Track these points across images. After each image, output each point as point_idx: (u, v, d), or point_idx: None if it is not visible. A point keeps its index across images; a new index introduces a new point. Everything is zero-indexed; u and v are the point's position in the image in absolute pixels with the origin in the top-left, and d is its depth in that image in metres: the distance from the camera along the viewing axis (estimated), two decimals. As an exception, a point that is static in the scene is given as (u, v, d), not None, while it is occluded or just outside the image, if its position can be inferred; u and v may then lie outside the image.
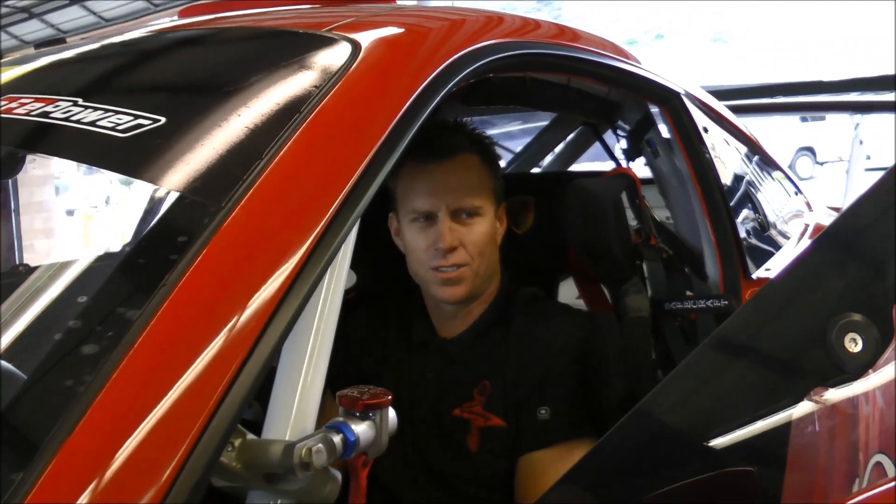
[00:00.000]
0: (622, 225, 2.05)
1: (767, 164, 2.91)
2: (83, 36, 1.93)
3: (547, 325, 1.85)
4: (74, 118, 1.26)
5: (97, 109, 1.27)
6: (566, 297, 2.43)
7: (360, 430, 1.11)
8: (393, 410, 1.17)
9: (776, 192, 2.84)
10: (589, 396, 1.80)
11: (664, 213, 2.41)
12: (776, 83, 7.02)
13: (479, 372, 1.83)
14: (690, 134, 2.13)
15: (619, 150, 2.53)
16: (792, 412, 1.12)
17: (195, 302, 0.97)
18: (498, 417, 1.79)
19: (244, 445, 1.04)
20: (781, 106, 6.40)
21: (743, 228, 2.20)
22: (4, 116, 1.35)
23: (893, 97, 6.42)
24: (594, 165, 3.81)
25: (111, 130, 1.20)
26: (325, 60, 1.33)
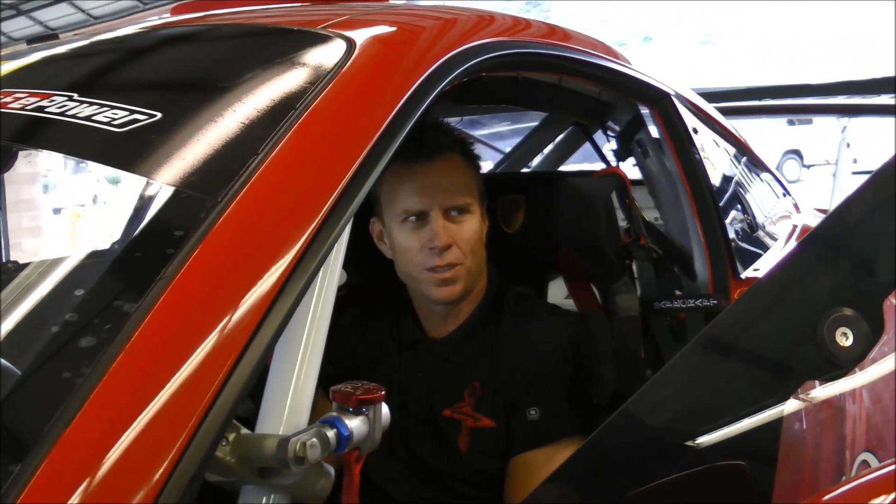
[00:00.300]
0: (612, 224, 2.06)
1: (756, 165, 2.93)
2: (76, 32, 1.93)
3: (536, 324, 1.86)
4: (70, 113, 1.26)
5: (93, 104, 1.27)
6: (556, 296, 2.44)
7: (353, 425, 1.12)
8: (386, 406, 1.18)
9: (764, 193, 2.86)
10: (579, 396, 1.80)
11: (654, 213, 2.42)
12: (763, 86, 7.04)
13: (468, 372, 1.84)
14: (680, 134, 2.14)
15: (609, 150, 2.54)
16: (783, 408, 1.13)
17: (192, 296, 0.97)
18: (487, 418, 1.80)
19: (238, 440, 1.04)
20: (769, 108, 6.42)
21: (732, 229, 2.22)
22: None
23: (881, 100, 6.45)
24: (584, 167, 3.82)
25: (107, 125, 1.20)
26: (320, 58, 1.33)
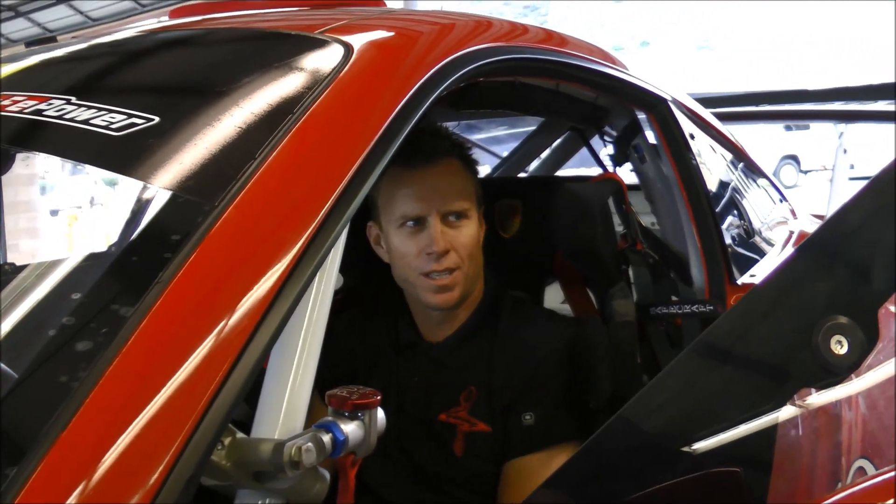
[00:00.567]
0: (609, 229, 2.06)
1: (753, 171, 2.93)
2: (74, 35, 1.93)
3: (532, 329, 1.86)
4: (68, 116, 1.26)
5: (91, 108, 1.27)
6: (552, 301, 2.44)
7: (349, 429, 1.12)
8: (382, 411, 1.18)
9: (761, 199, 2.86)
10: (575, 401, 1.80)
11: (651, 218, 2.42)
12: (761, 91, 7.05)
13: (464, 377, 1.83)
14: (677, 140, 2.14)
15: (605, 155, 2.54)
16: (778, 415, 1.13)
17: (189, 300, 0.97)
18: (483, 423, 1.79)
19: (234, 444, 1.04)
20: (766, 114, 6.43)
21: (728, 234, 2.22)
22: None
23: (878, 106, 6.46)
24: (582, 171, 3.82)
25: (104, 129, 1.20)
26: (317, 62, 1.33)
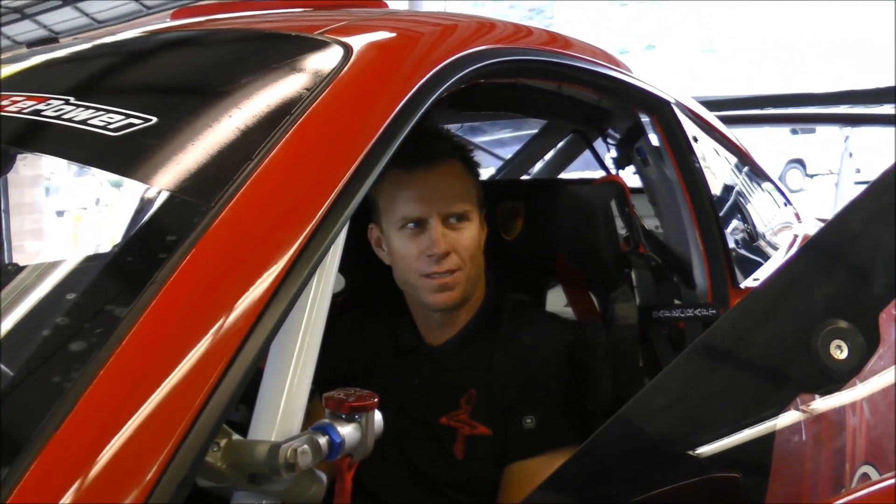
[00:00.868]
0: (611, 231, 2.05)
1: (757, 174, 2.92)
2: (76, 36, 1.93)
3: (533, 332, 1.85)
4: (66, 117, 1.26)
5: (89, 108, 1.27)
6: (555, 305, 2.43)
7: (345, 431, 1.11)
8: (379, 413, 1.17)
9: (765, 202, 2.85)
10: (575, 404, 1.80)
11: (654, 221, 2.41)
12: (766, 95, 7.03)
13: (465, 380, 1.83)
14: (680, 143, 2.13)
15: (608, 158, 2.53)
16: (777, 419, 1.12)
17: (183, 300, 0.97)
18: (484, 426, 1.79)
19: (230, 445, 1.04)
20: (771, 117, 6.42)
21: (732, 238, 2.21)
22: None
23: (884, 110, 6.43)
24: (586, 174, 3.81)
25: (102, 129, 1.20)
26: (316, 63, 1.33)
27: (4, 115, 1.33)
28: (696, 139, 2.19)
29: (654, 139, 2.21)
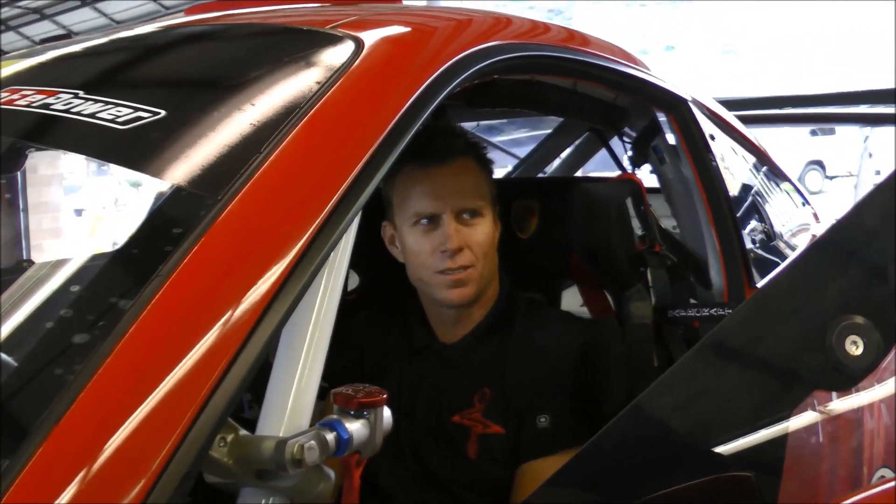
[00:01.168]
0: (626, 229, 2.03)
1: (775, 174, 2.90)
2: (89, 34, 1.94)
3: (547, 331, 1.84)
4: (74, 110, 1.26)
5: (97, 102, 1.27)
6: (572, 305, 2.42)
7: (354, 428, 1.09)
8: (388, 410, 1.16)
9: (783, 202, 2.82)
10: (589, 403, 1.78)
11: (671, 221, 2.39)
12: (784, 95, 6.99)
13: (478, 378, 1.82)
14: (697, 141, 2.11)
15: (625, 156, 2.52)
16: (791, 417, 1.10)
17: (188, 294, 0.96)
18: (497, 425, 1.78)
19: (236, 441, 1.03)
20: (790, 117, 6.36)
21: (749, 237, 2.19)
22: (5, 108, 1.35)
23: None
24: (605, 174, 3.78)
25: (111, 122, 1.20)
26: (327, 57, 1.32)
27: (14, 108, 1.33)
28: (713, 137, 2.17)
29: (670, 138, 2.20)
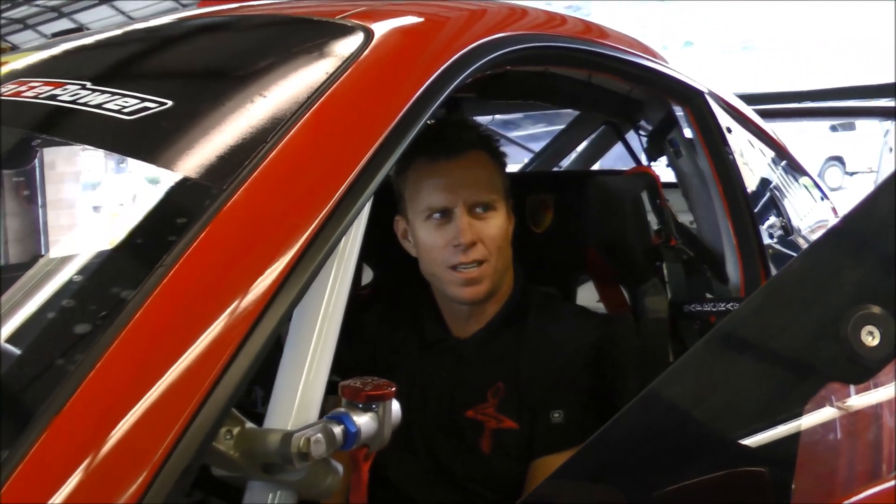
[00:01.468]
0: (641, 223, 2.02)
1: (794, 168, 2.87)
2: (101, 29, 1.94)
3: (561, 327, 1.83)
4: (81, 101, 1.26)
5: (105, 93, 1.27)
6: (589, 301, 2.40)
7: (361, 421, 1.08)
8: (397, 403, 1.14)
9: (801, 196, 2.80)
10: (604, 400, 1.77)
11: (689, 216, 2.37)
12: (804, 90, 6.92)
13: (492, 373, 1.81)
14: (713, 134, 2.09)
15: (640, 150, 2.50)
16: (804, 410, 1.08)
17: (191, 285, 0.95)
18: (511, 420, 1.77)
19: (243, 434, 1.02)
20: (808, 111, 6.30)
21: (766, 232, 2.17)
22: (13, 99, 1.35)
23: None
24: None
25: (117, 113, 1.20)
26: (336, 47, 1.31)
27: (21, 100, 1.34)
28: (729, 130, 2.15)
29: (687, 132, 2.18)
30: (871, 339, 1.01)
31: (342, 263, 1.15)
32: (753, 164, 2.28)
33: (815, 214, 2.84)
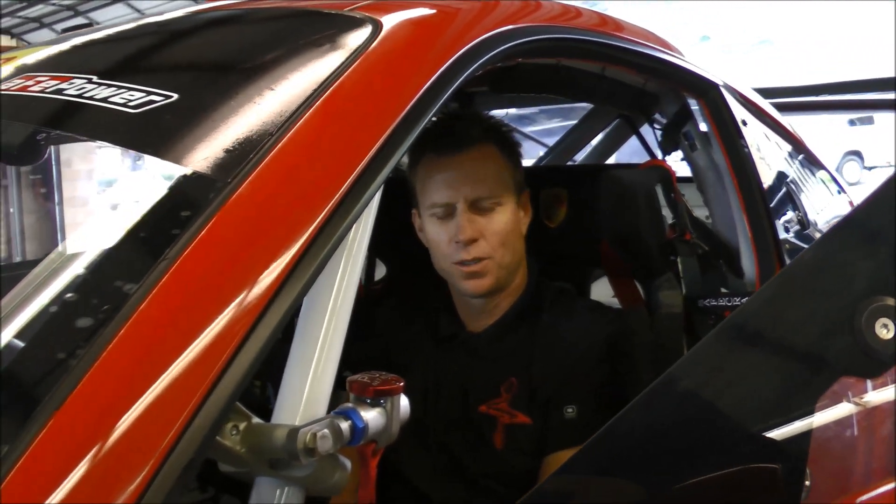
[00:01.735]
0: (655, 216, 2.00)
1: (810, 162, 2.84)
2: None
3: (575, 320, 1.82)
4: (87, 95, 1.26)
5: (111, 86, 1.26)
6: (604, 296, 2.39)
7: (369, 416, 1.07)
8: (405, 398, 1.13)
9: (818, 190, 2.77)
10: (618, 395, 1.75)
11: (703, 211, 2.35)
12: (821, 84, 6.86)
13: (505, 368, 1.80)
14: (728, 127, 2.07)
15: (655, 143, 2.48)
16: (818, 405, 1.06)
17: (195, 278, 0.95)
18: (524, 415, 1.76)
19: (249, 429, 1.01)
20: (823, 104, 6.24)
21: (782, 226, 2.14)
22: (19, 94, 1.35)
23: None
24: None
25: (122, 106, 1.19)
26: (344, 39, 1.30)
27: (27, 94, 1.33)
28: (745, 123, 2.13)
29: (702, 125, 2.16)
30: (885, 331, 0.99)
31: (351, 257, 1.14)
32: (769, 157, 2.26)
33: (831, 209, 2.81)
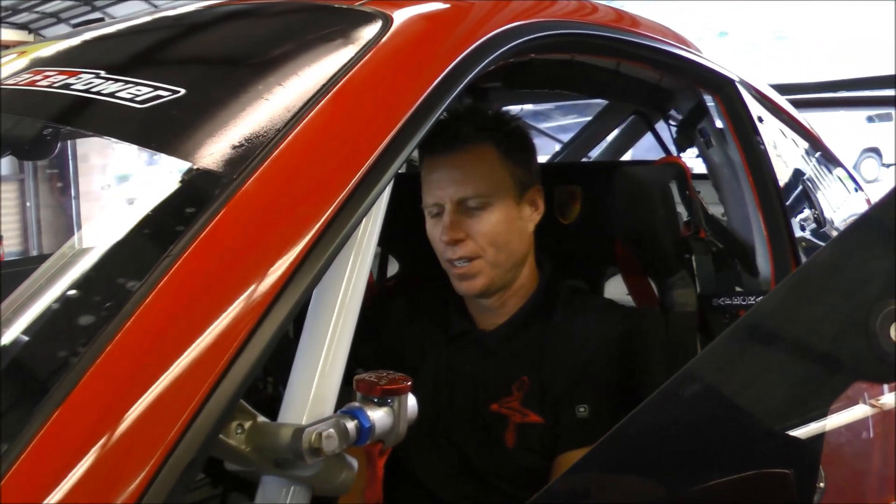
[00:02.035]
0: (670, 213, 1.98)
1: (827, 159, 2.82)
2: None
3: (587, 319, 1.81)
4: (94, 90, 1.25)
5: (118, 81, 1.26)
6: (619, 295, 2.37)
7: (376, 416, 1.06)
8: (413, 397, 1.12)
9: (835, 188, 2.75)
10: (631, 394, 1.74)
11: (720, 209, 2.33)
12: (840, 80, 6.81)
13: (517, 366, 1.79)
14: (744, 123, 2.06)
15: (670, 139, 2.46)
16: (830, 409, 1.04)
17: (199, 275, 0.94)
18: (535, 414, 1.75)
19: (254, 428, 1.00)
20: (839, 101, 6.20)
21: (798, 224, 2.12)
22: (27, 88, 1.35)
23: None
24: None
25: (129, 101, 1.18)
26: (353, 34, 1.29)
27: (35, 89, 1.33)
28: (761, 119, 2.11)
29: (718, 122, 2.14)
30: None
31: (359, 254, 1.14)
32: (785, 154, 2.24)
33: (848, 206, 2.78)
